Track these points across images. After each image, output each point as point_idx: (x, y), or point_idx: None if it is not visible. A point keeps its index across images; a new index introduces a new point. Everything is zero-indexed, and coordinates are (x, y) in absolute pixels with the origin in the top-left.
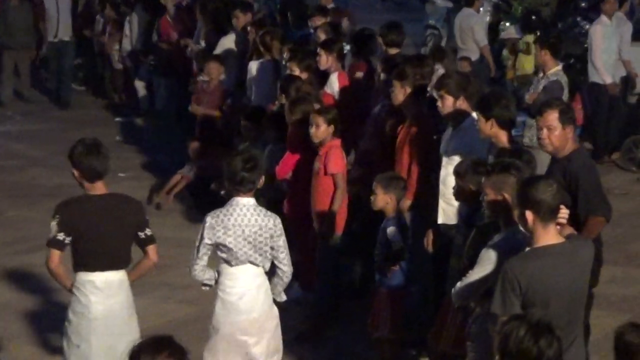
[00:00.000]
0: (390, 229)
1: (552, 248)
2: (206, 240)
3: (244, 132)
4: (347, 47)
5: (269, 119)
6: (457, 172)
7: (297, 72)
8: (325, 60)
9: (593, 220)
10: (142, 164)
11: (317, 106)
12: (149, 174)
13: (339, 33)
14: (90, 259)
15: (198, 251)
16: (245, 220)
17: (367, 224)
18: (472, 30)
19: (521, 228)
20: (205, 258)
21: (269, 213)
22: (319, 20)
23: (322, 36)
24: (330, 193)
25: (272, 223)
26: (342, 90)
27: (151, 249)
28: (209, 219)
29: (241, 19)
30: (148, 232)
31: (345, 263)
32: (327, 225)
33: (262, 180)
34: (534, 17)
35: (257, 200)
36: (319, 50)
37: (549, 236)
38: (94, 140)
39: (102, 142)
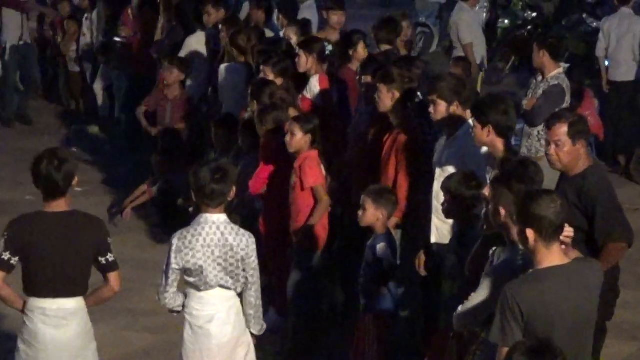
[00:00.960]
0: (381, 246)
1: (555, 270)
2: (173, 266)
3: (216, 141)
4: (329, 47)
5: (243, 127)
6: (447, 188)
7: (271, 76)
8: (305, 61)
9: (613, 246)
10: (102, 177)
11: (293, 113)
12: (109, 189)
13: (308, 32)
14: (40, 283)
15: (167, 277)
16: (215, 239)
17: (345, 244)
18: (456, 26)
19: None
20: (176, 284)
21: (241, 231)
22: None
23: (293, 37)
24: (309, 209)
25: (244, 242)
26: (323, 94)
27: (113, 276)
28: (175, 241)
29: (213, 15)
30: (110, 257)
31: (325, 286)
32: (305, 242)
33: (234, 192)
34: (534, 14)
35: (230, 217)
36: (297, 50)
37: (552, 257)
38: (54, 150)
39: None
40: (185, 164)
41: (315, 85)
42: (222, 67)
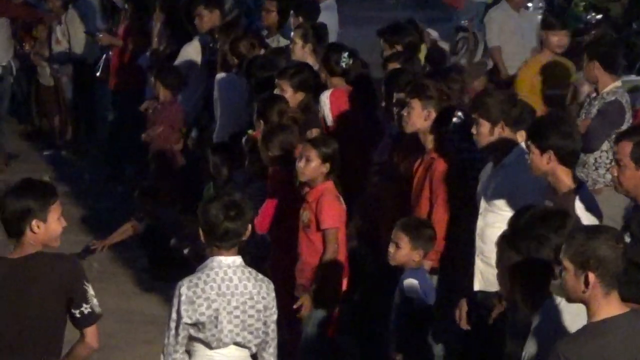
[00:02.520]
0: (409, 282)
1: (616, 321)
2: (185, 319)
3: (213, 169)
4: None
5: (251, 150)
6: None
7: (289, 92)
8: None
9: None
10: (79, 212)
11: (314, 132)
12: (86, 226)
13: (322, 38)
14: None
15: (176, 334)
16: (232, 287)
17: (369, 293)
18: (486, 26)
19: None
20: (185, 341)
21: (259, 276)
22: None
23: (298, 42)
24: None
25: (264, 290)
26: (340, 113)
27: (90, 331)
28: (185, 291)
29: (206, 18)
30: (85, 308)
31: (344, 343)
32: (319, 293)
33: (249, 231)
34: (599, 16)
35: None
36: (292, 35)
37: (611, 307)
38: (25, 181)
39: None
40: (177, 196)
41: (325, 103)
42: (218, 77)
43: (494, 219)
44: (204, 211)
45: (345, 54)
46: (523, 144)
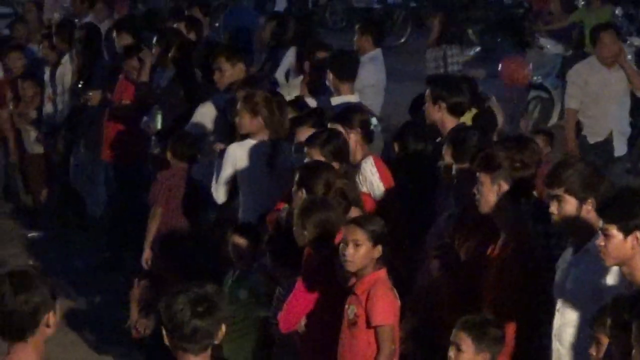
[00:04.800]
0: None
1: None
2: None
3: (234, 254)
4: None
5: (272, 238)
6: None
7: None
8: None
9: None
10: (71, 308)
11: (353, 212)
12: (81, 326)
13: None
14: None
15: None
16: None
17: None
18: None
19: None
20: None
21: None
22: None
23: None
24: (374, 355)
25: None
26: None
27: None
28: None
29: (228, 73)
30: None
31: None
32: None
33: (223, 331)
34: None
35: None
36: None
37: None
38: (21, 272)
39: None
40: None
41: (372, 172)
42: (235, 145)
43: (573, 317)
44: (168, 306)
45: (374, 119)
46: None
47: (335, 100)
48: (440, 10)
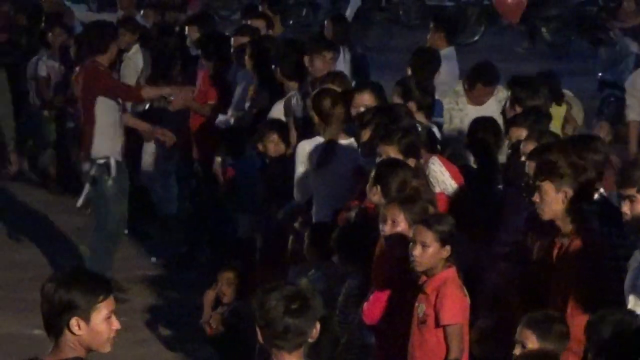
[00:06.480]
0: None
1: None
2: None
3: (309, 256)
4: None
5: (340, 236)
6: None
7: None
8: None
9: None
10: (145, 305)
11: (430, 210)
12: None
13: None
14: None
15: None
16: None
17: None
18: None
19: None
20: None
21: None
22: None
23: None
24: (444, 354)
25: None
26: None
27: None
28: None
29: (319, 67)
30: None
31: None
32: None
33: (318, 329)
34: None
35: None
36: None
37: None
38: (76, 269)
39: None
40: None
41: (440, 171)
42: (303, 143)
43: None
44: (261, 303)
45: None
46: None
47: None
48: None
